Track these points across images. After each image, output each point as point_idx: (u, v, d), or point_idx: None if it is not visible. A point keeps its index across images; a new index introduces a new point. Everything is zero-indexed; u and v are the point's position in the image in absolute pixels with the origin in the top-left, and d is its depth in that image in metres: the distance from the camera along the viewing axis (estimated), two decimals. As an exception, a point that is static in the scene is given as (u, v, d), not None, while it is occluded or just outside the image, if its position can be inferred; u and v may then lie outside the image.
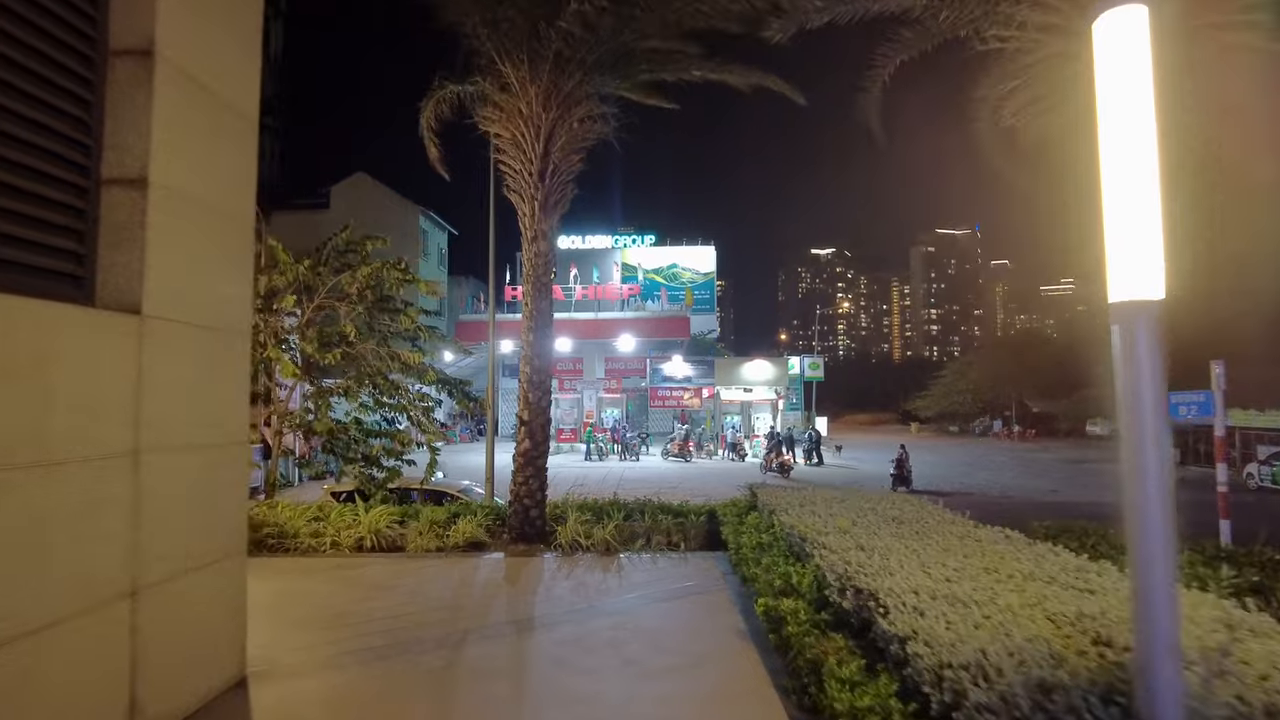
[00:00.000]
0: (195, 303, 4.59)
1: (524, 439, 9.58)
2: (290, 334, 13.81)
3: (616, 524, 9.42)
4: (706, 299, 55.06)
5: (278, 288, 13.41)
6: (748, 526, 8.14)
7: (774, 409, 37.80)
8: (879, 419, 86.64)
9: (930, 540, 5.75)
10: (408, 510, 10.79)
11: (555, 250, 9.81)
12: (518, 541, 9.34)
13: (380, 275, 13.75)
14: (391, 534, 9.60)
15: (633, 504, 10.52)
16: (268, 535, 9.39)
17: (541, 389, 9.64)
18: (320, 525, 9.67)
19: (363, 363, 14.23)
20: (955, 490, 28.10)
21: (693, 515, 9.93)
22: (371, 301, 14.10)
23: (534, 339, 9.60)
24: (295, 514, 10.11)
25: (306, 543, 9.26)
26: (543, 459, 9.65)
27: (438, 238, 56.49)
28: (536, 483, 9.52)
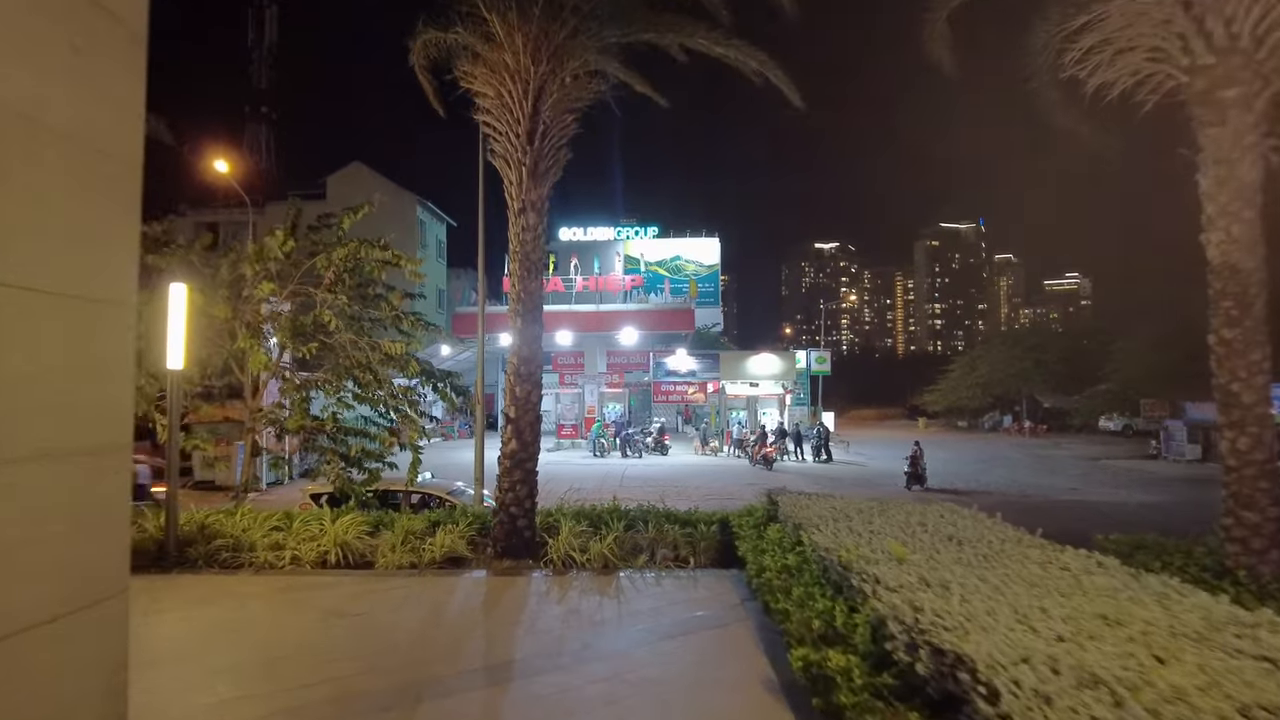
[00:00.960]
0: (52, 265, 3.43)
1: (510, 439, 8.43)
2: (265, 323, 12.66)
3: (616, 535, 8.27)
4: (711, 292, 53.82)
5: (244, 275, 12.25)
6: (769, 543, 6.96)
7: (781, 404, 36.59)
8: (885, 414, 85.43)
9: (1006, 568, 4.58)
10: (383, 518, 9.66)
11: (546, 224, 8.64)
12: (504, 556, 8.19)
13: (358, 256, 12.54)
14: (361, 547, 8.46)
15: (635, 512, 9.37)
16: (221, 549, 8.25)
17: (531, 382, 8.48)
18: (282, 536, 8.54)
19: (341, 354, 13.09)
20: (972, 489, 26.87)
21: (703, 525, 8.76)
22: (351, 287, 12.94)
23: (522, 325, 8.44)
24: (256, 523, 8.97)
25: (264, 557, 8.12)
26: (532, 462, 8.50)
27: (436, 229, 55.26)
28: (525, 489, 8.36)
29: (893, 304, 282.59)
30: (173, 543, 8.25)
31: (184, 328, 8.47)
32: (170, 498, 8.38)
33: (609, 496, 10.48)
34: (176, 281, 8.51)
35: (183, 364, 8.61)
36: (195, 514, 9.13)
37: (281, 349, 12.93)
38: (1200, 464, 33.81)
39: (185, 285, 8.55)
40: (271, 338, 12.68)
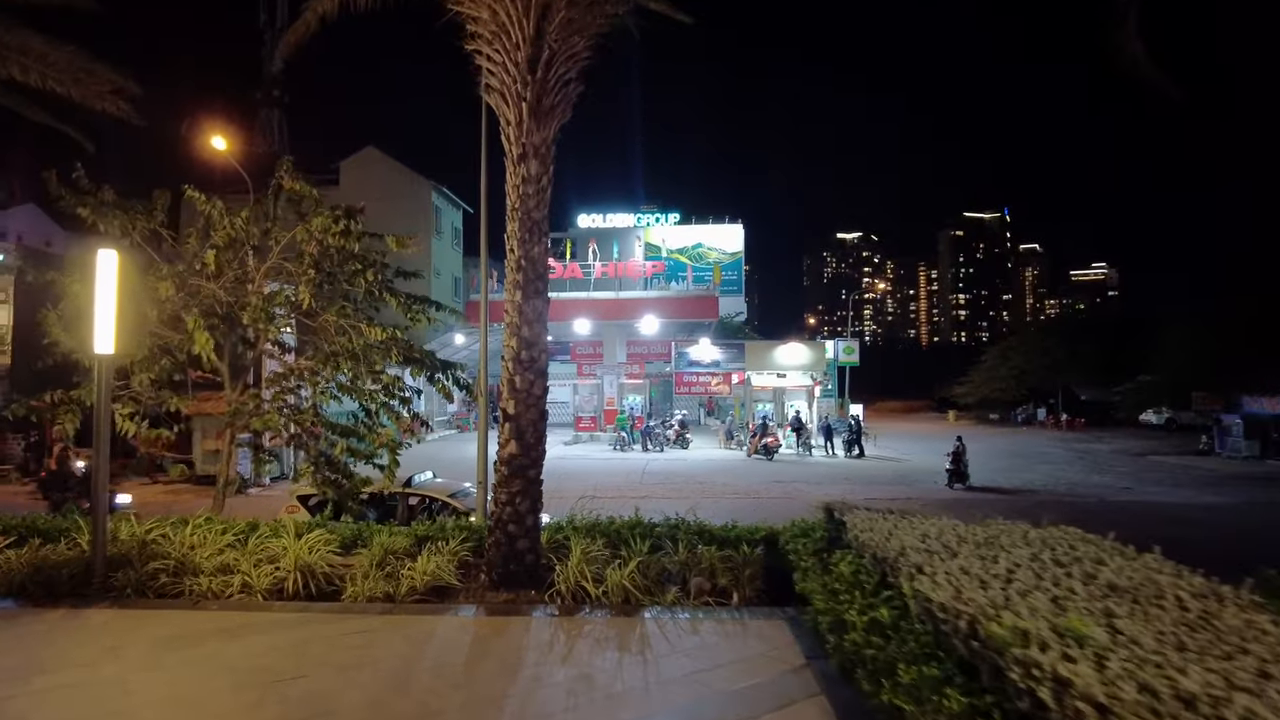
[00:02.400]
0: None
1: (508, 440, 6.82)
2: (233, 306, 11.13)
3: (640, 560, 6.65)
4: (734, 280, 51.98)
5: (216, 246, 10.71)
6: (842, 580, 5.30)
7: (809, 396, 34.76)
8: (911, 406, 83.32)
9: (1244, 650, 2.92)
10: (363, 531, 8.11)
11: (552, 176, 6.99)
12: (500, 586, 6.60)
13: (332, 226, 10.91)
14: (329, 570, 6.91)
15: (661, 527, 7.74)
16: (159, 572, 6.73)
17: (535, 370, 6.87)
18: (235, 556, 7.00)
19: (325, 339, 11.54)
20: (1017, 488, 25.05)
21: (745, 546, 7.11)
22: (337, 262, 11.37)
23: (523, 299, 6.82)
24: (208, 539, 7.45)
25: (207, 584, 6.57)
26: (536, 468, 6.90)
27: (452, 215, 53.80)
28: (527, 502, 6.76)
29: (916, 294, 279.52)
30: (100, 565, 6.74)
31: (115, 303, 6.94)
32: (97, 509, 6.86)
33: (631, 499, 8.87)
34: (108, 250, 6.97)
35: (114, 347, 7.07)
36: (138, 527, 7.62)
37: (256, 335, 11.42)
38: (1258, 461, 31.69)
39: (115, 252, 7.01)
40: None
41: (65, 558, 7.08)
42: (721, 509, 18.68)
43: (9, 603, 6.42)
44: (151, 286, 10.58)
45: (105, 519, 6.92)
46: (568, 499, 8.48)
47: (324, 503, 11.68)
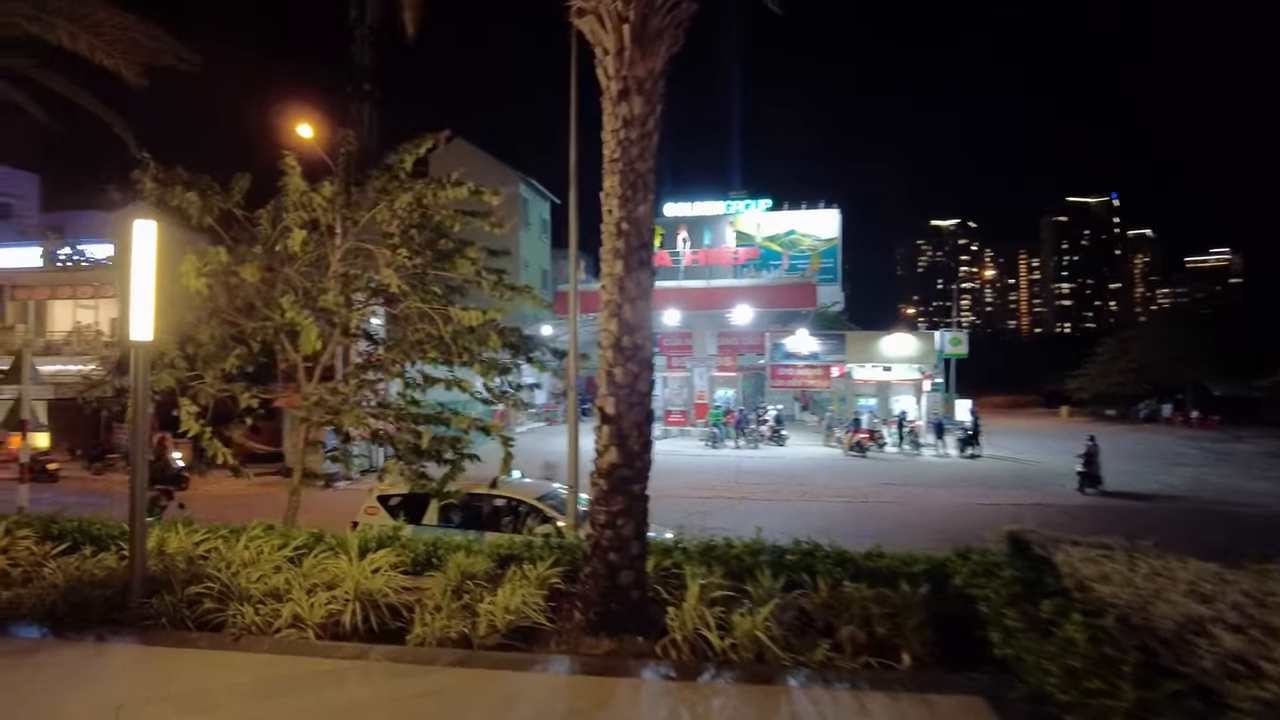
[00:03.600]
0: None
1: (608, 446, 5.50)
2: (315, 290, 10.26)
3: (776, 604, 5.25)
4: (830, 268, 49.54)
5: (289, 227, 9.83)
6: (1074, 652, 3.76)
7: (917, 390, 32.44)
8: (1016, 401, 78.83)
9: None
10: (437, 546, 6.98)
11: (660, 119, 5.62)
12: (599, 630, 5.29)
13: (424, 204, 9.96)
14: (395, 598, 5.79)
15: (791, 554, 6.29)
16: (202, 595, 5.73)
17: (639, 361, 5.53)
18: (287, 578, 5.95)
19: (409, 327, 10.58)
20: (1156, 494, 22.38)
21: (904, 583, 5.61)
22: (421, 243, 10.36)
23: (624, 273, 5.49)
24: (263, 555, 6.44)
25: (252, 615, 5.52)
26: (640, 481, 5.57)
27: (540, 207, 53.35)
28: (631, 525, 5.44)
29: (1016, 283, 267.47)
30: (137, 586, 5.79)
31: (154, 282, 5.97)
32: (136, 521, 5.91)
33: (727, 501, 7.46)
34: (145, 220, 5.99)
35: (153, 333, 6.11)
36: (188, 539, 6.69)
37: (332, 325, 10.53)
38: None
39: (155, 222, 6.04)
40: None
41: (106, 573, 6.20)
42: (831, 516, 17.07)
43: (34, 630, 5.54)
44: (229, 271, 9.80)
45: (144, 532, 5.97)
46: (661, 500, 7.19)
47: (405, 504, 10.78)
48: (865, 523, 15.42)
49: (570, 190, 10.31)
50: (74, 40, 8.22)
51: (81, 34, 8.09)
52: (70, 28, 8.02)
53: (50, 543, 7.12)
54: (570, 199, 10.35)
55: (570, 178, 10.26)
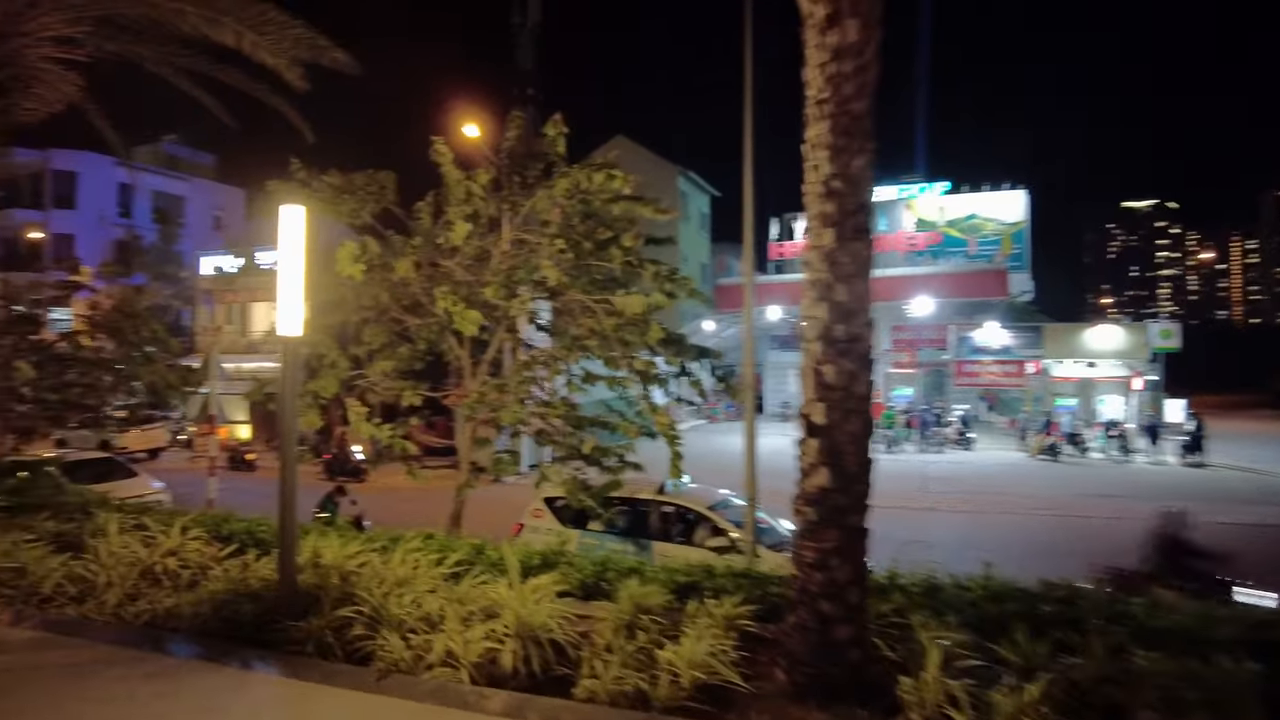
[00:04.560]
0: None
1: (816, 465, 4.34)
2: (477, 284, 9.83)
3: (1049, 680, 3.93)
4: (1018, 254, 45.32)
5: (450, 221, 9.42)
6: None
7: (1126, 389, 28.65)
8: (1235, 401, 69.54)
9: None
10: (606, 569, 6.13)
11: (877, 52, 4.39)
12: (807, 697, 4.17)
13: (583, 190, 9.29)
14: (560, 632, 4.96)
15: (1046, 603, 4.90)
16: (351, 620, 5.14)
17: (856, 357, 4.34)
18: (442, 604, 5.25)
19: (570, 320, 9.96)
20: None
21: (1221, 656, 4.11)
22: (581, 233, 9.69)
23: (835, 244, 4.32)
24: (420, 571, 5.83)
25: (401, 650, 4.84)
26: (858, 512, 4.39)
27: (699, 201, 52.48)
28: (847, 567, 4.27)
29: (1228, 269, 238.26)
30: (285, 604, 5.31)
31: (302, 273, 5.48)
32: (286, 535, 5.43)
33: (914, 512, 6.12)
34: (293, 205, 5.52)
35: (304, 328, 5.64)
36: (342, 550, 6.22)
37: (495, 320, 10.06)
38: None
39: (303, 206, 5.54)
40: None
41: (262, 584, 5.79)
42: (1039, 532, 14.96)
43: (186, 647, 5.16)
44: (387, 267, 9.56)
45: (294, 546, 5.48)
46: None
47: (570, 508, 10.18)
48: (1088, 543, 13.24)
49: (745, 160, 9.22)
50: (239, 39, 8.12)
51: (246, 32, 7.96)
52: (236, 27, 7.90)
53: (218, 544, 6.92)
54: (745, 169, 9.27)
55: (746, 146, 9.17)
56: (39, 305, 15.98)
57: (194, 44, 8.79)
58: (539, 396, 10.04)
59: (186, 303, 35.89)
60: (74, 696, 4.48)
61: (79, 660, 4.95)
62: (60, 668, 4.85)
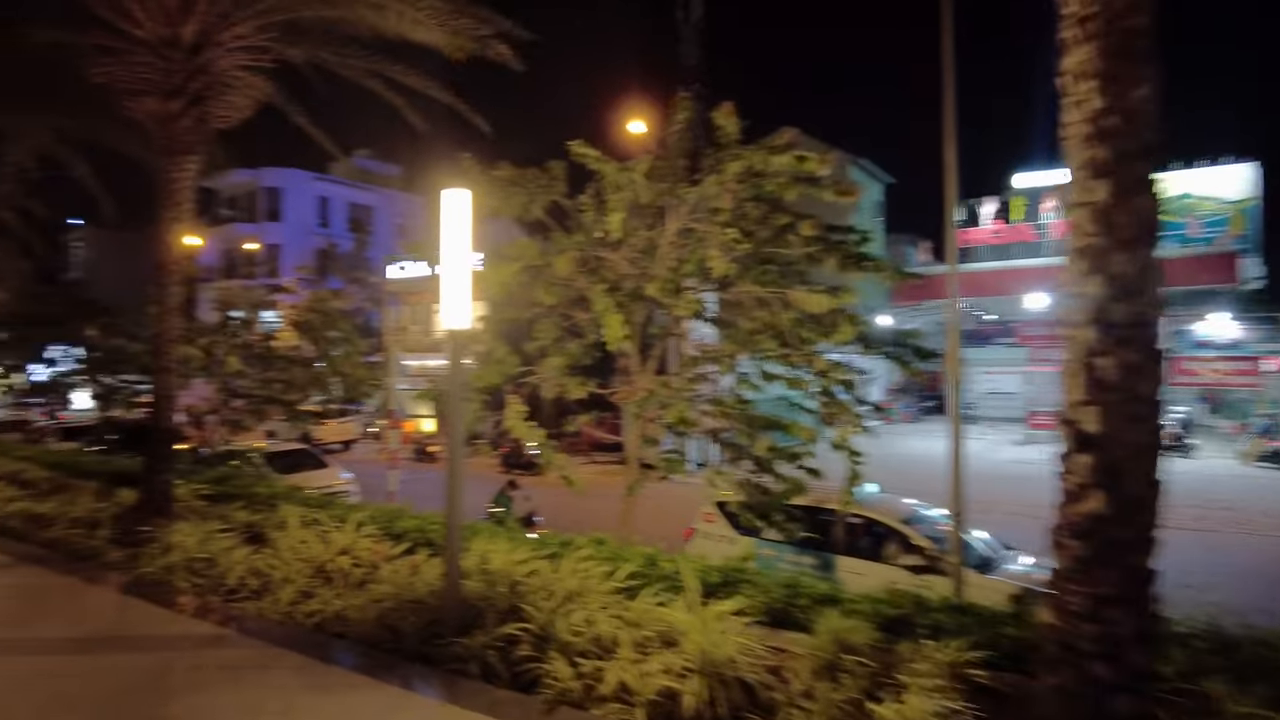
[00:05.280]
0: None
1: (1087, 487, 3.37)
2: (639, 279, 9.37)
3: None
4: (1247, 235, 39.62)
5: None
6: None
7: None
8: None
9: None
10: (798, 593, 5.37)
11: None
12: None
13: (756, 173, 8.59)
14: (747, 668, 4.27)
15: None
16: (518, 639, 4.69)
17: (1141, 346, 3.34)
18: (614, 626, 4.70)
19: (742, 314, 9.27)
20: None
21: None
22: (754, 219, 8.99)
23: (1111, 199, 3.33)
24: (591, 583, 5.35)
25: (569, 677, 4.32)
26: (1144, 549, 3.38)
27: (871, 189, 49.87)
28: (1130, 620, 3.27)
29: None
30: (450, 616, 4.96)
31: (467, 261, 5.11)
32: (451, 544, 5.08)
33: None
34: (457, 190, 5.17)
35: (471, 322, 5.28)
36: (510, 554, 5.85)
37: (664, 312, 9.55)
38: None
39: (469, 191, 5.18)
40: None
41: (428, 590, 5.50)
42: None
43: (349, 656, 4.91)
44: (550, 266, 9.29)
45: (458, 553, 5.12)
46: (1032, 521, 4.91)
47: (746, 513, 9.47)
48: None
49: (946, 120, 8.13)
50: (399, 20, 8.03)
51: (407, 9, 7.84)
52: (399, 6, 7.79)
53: (390, 541, 6.79)
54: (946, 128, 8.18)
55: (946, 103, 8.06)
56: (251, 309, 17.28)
57: (369, 44, 8.88)
58: (708, 394, 9.45)
59: (376, 305, 38.33)
60: (233, 705, 4.32)
61: (246, 662, 4.82)
62: (227, 670, 4.73)
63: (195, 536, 6.86)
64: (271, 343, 16.46)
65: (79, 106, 10.97)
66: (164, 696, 4.41)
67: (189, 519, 7.62)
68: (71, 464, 11.93)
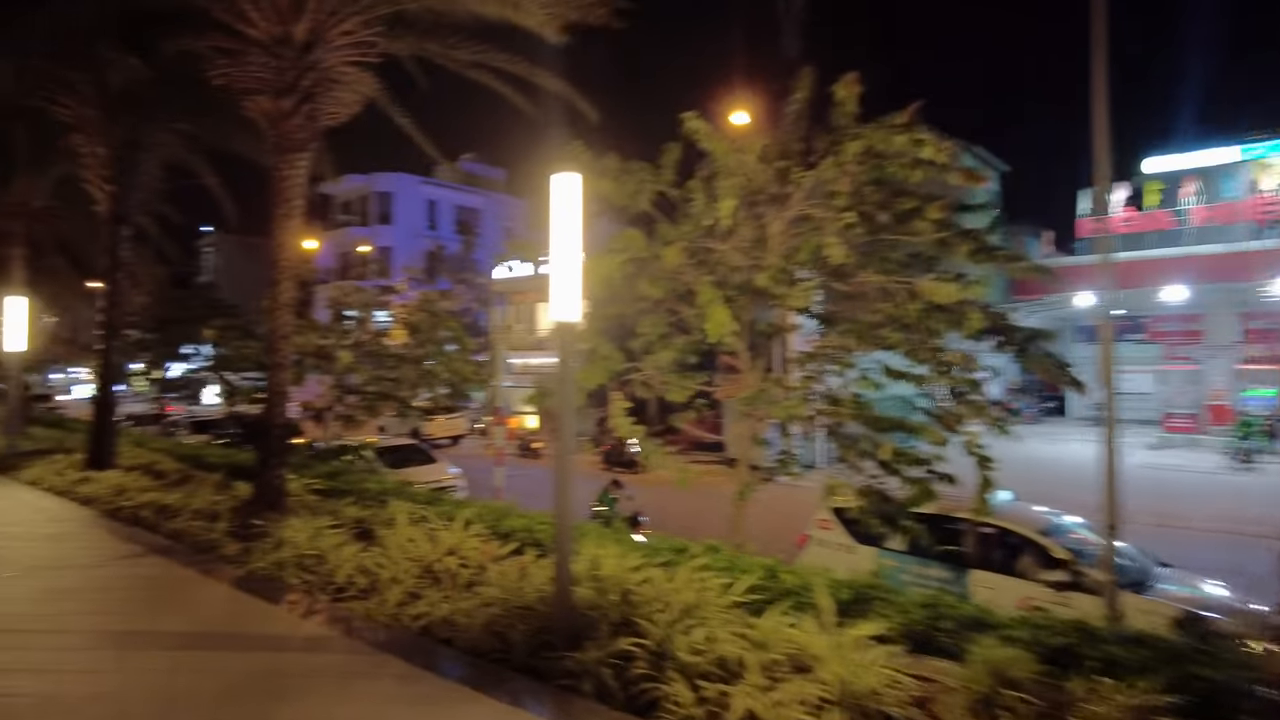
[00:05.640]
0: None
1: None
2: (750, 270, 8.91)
3: None
4: None
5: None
6: None
7: None
8: None
9: None
10: (939, 608, 4.81)
11: None
12: None
13: (877, 154, 8.02)
14: (893, 700, 3.78)
15: None
16: (633, 655, 4.32)
17: None
18: (742, 646, 4.29)
19: (862, 306, 8.69)
20: None
21: None
22: (874, 203, 8.40)
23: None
24: (708, 596, 4.95)
25: (691, 703, 3.91)
26: None
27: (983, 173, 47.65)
28: None
29: None
30: (560, 626, 4.66)
31: (578, 250, 4.80)
32: (562, 543, 4.78)
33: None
34: (566, 174, 4.86)
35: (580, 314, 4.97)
36: (622, 561, 5.51)
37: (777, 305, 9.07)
38: None
39: (579, 175, 4.86)
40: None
41: (536, 595, 5.23)
42: None
43: (456, 666, 4.66)
44: (656, 258, 8.96)
45: (568, 560, 4.81)
46: (1176, 533, 4.16)
47: (864, 521, 8.91)
48: None
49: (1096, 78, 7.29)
50: (501, 4, 7.85)
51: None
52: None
53: (497, 541, 6.60)
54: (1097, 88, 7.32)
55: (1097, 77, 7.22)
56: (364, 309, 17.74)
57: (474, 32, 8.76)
58: (822, 392, 8.89)
59: (482, 305, 39.13)
60: (340, 717, 4.13)
61: (350, 669, 4.65)
62: (330, 677, 4.57)
63: (305, 532, 6.84)
64: (383, 341, 16.84)
65: (203, 112, 11.41)
66: (271, 701, 4.28)
67: (300, 514, 7.65)
68: (198, 456, 12.45)
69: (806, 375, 8.83)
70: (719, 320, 7.96)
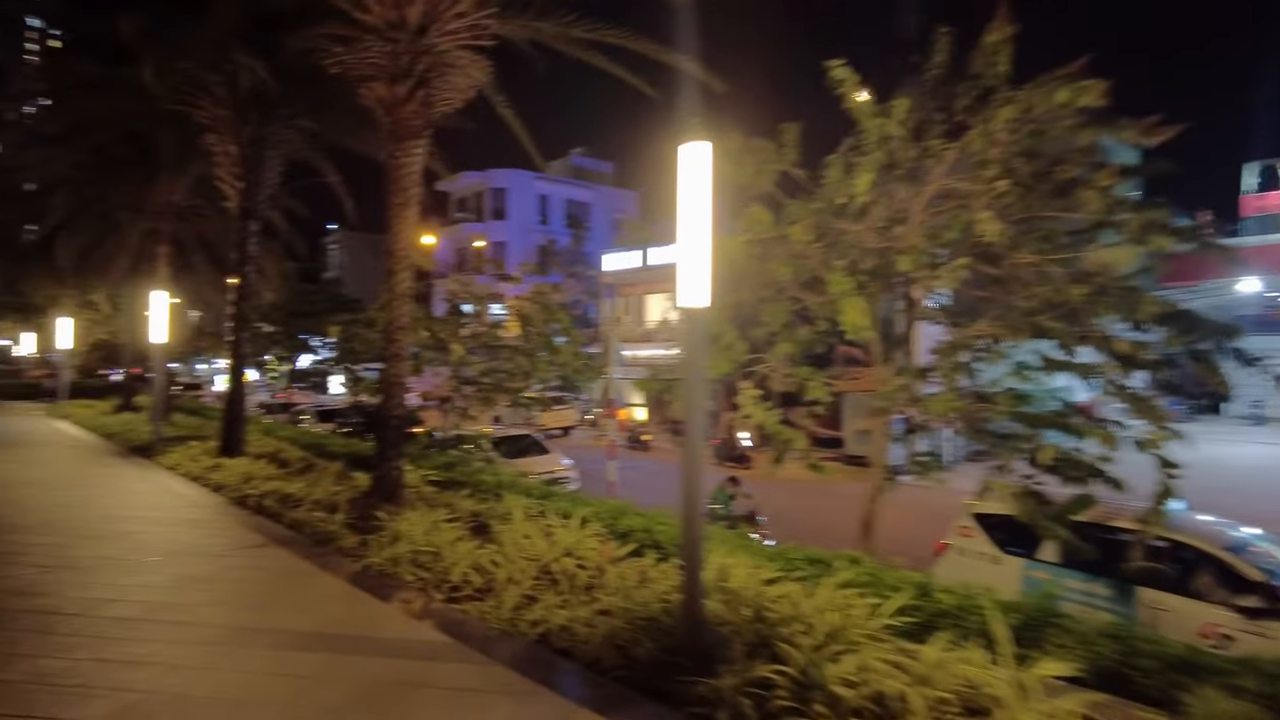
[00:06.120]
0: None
1: None
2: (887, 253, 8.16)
3: None
4: None
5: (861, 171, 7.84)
6: None
7: None
8: None
9: None
10: (1130, 643, 4.06)
11: None
12: None
13: (1035, 118, 7.15)
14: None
15: None
16: (774, 683, 3.78)
17: None
18: (900, 679, 3.70)
19: (1017, 289, 7.81)
20: None
21: None
22: (1029, 175, 7.51)
23: None
24: (853, 616, 4.37)
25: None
26: None
27: (1124, 157, 43.97)
28: None
29: None
30: (689, 645, 4.18)
31: (708, 226, 4.29)
32: (690, 559, 4.30)
33: None
34: (696, 143, 4.35)
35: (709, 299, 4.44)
36: (756, 573, 4.98)
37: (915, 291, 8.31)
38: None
39: (709, 144, 4.34)
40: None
41: (660, 605, 4.76)
42: None
43: (575, 682, 4.25)
44: (782, 238, 8.34)
45: (698, 568, 4.32)
46: None
47: (1010, 528, 8.06)
48: None
49: None
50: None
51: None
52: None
53: (615, 542, 6.21)
54: None
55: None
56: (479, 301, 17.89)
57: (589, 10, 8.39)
58: (970, 388, 8.05)
59: (593, 297, 39.23)
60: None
61: (466, 684, 4.30)
62: (444, 692, 4.23)
63: (421, 526, 6.67)
64: (497, 333, 16.94)
65: (321, 108, 11.62)
66: (383, 716, 4.00)
67: (417, 506, 7.52)
68: (320, 445, 12.73)
69: (952, 368, 8.02)
70: (854, 314, 7.31)
